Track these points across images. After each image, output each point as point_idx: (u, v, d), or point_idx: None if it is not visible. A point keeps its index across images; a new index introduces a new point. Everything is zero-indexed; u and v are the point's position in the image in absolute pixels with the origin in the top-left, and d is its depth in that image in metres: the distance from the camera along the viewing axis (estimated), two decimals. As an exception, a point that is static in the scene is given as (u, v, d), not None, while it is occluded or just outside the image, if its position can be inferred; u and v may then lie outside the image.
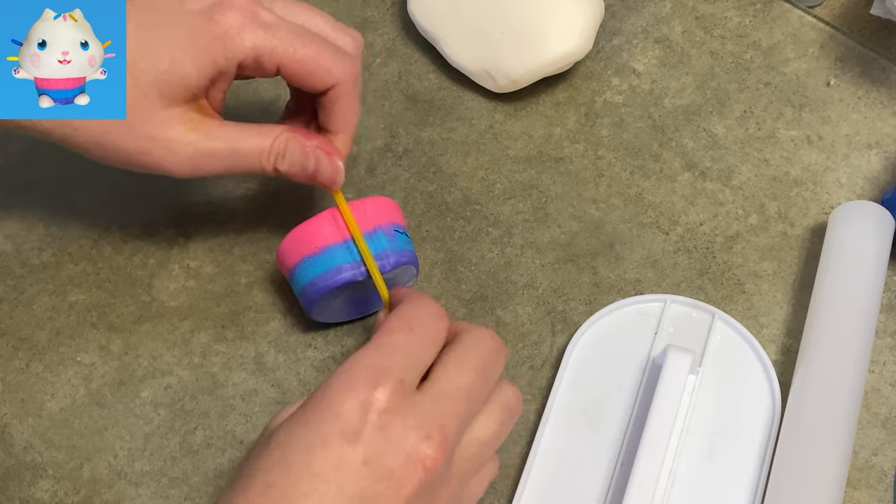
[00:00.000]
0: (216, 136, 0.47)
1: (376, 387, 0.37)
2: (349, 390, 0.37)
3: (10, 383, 0.52)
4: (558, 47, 0.58)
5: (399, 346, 0.39)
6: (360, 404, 0.37)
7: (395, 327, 0.40)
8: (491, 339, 0.41)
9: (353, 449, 0.36)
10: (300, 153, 0.48)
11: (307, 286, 0.49)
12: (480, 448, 0.40)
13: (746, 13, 0.63)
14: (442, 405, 0.38)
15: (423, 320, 0.41)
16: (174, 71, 0.46)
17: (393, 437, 0.37)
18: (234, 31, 0.46)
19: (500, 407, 0.41)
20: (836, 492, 0.46)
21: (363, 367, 0.38)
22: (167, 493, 0.49)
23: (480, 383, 0.40)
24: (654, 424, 0.47)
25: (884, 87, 0.60)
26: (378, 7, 0.64)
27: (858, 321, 0.50)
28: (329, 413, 0.37)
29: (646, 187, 0.57)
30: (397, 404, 0.37)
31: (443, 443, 0.37)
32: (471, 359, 0.40)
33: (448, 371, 0.40)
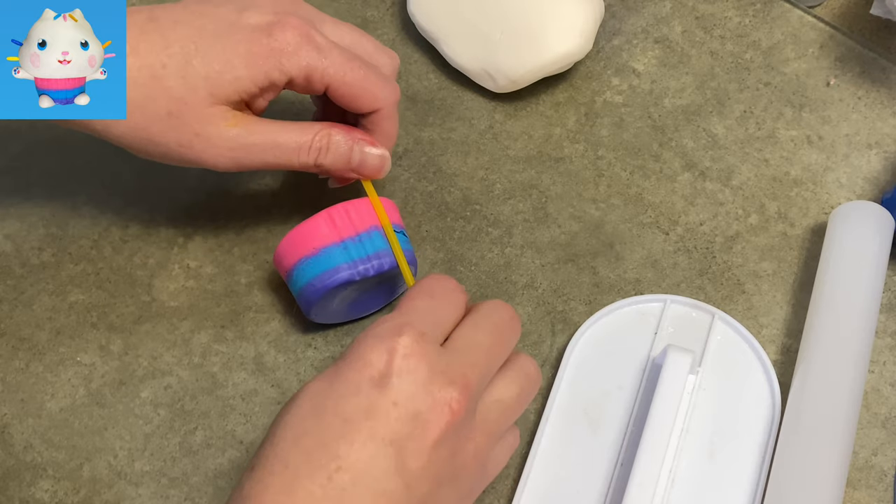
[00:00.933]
0: (257, 131, 0.48)
1: (400, 334, 0.39)
2: (377, 341, 0.39)
3: (10, 383, 0.52)
4: (558, 47, 0.58)
5: (420, 308, 0.42)
6: (387, 351, 0.39)
7: (415, 294, 0.43)
8: (504, 307, 0.44)
9: (382, 393, 0.38)
10: (344, 146, 0.50)
11: (305, 287, 0.49)
12: (502, 409, 0.42)
13: (746, 13, 0.63)
14: (463, 357, 0.41)
15: (441, 289, 0.43)
16: (227, 72, 0.47)
17: (419, 381, 0.39)
18: (290, 48, 0.47)
19: (519, 373, 0.43)
20: (836, 492, 0.46)
21: (387, 324, 0.40)
22: (167, 493, 0.49)
23: (497, 343, 0.42)
24: (654, 424, 0.47)
25: (884, 87, 0.60)
26: (378, 7, 0.64)
27: (858, 321, 0.50)
28: (357, 363, 0.39)
29: (646, 187, 0.57)
30: (421, 350, 0.39)
31: (466, 388, 0.39)
32: (487, 321, 0.43)
33: (466, 331, 0.42)
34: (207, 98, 0.47)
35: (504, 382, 0.43)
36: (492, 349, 0.42)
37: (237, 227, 0.56)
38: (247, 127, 0.48)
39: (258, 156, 0.48)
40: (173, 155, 0.48)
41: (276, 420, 0.40)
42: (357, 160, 0.50)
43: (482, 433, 0.41)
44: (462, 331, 0.42)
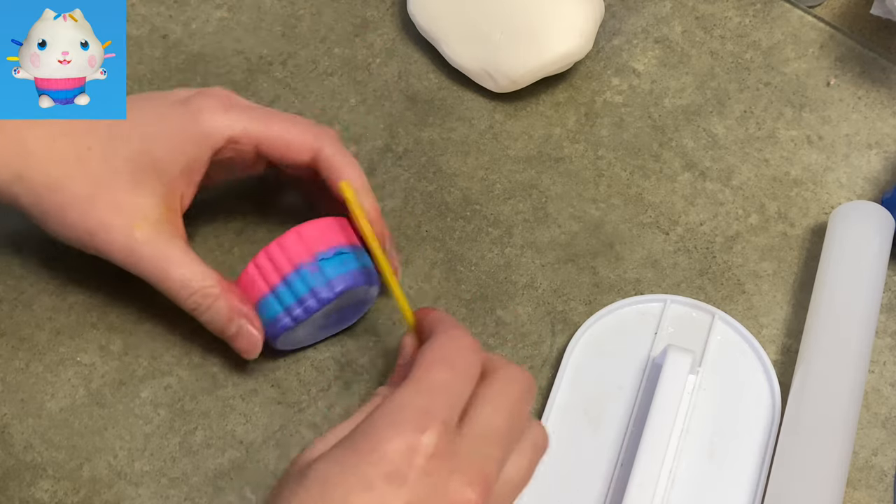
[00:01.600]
0: (154, 250, 0.48)
1: (424, 430, 0.36)
2: (396, 433, 0.36)
3: (10, 383, 0.52)
4: (558, 47, 0.58)
5: (441, 386, 0.38)
6: (407, 448, 0.36)
7: (436, 366, 0.39)
8: (524, 377, 0.41)
9: (397, 493, 0.36)
10: (225, 315, 0.48)
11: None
12: (512, 489, 0.40)
13: (746, 13, 0.63)
14: (482, 449, 0.38)
15: (462, 357, 0.40)
16: (147, 151, 0.47)
17: (438, 483, 0.36)
18: (208, 111, 0.47)
19: (530, 446, 0.40)
20: (836, 492, 0.46)
21: (408, 408, 0.37)
22: (167, 493, 0.49)
23: (515, 424, 0.40)
24: (654, 424, 0.47)
25: (884, 87, 0.60)
26: (378, 7, 0.64)
27: (858, 321, 0.50)
28: (373, 455, 0.36)
29: (646, 187, 0.57)
30: (443, 449, 0.36)
31: (484, 490, 0.37)
32: (506, 398, 0.40)
33: (485, 412, 0.39)
34: (129, 181, 0.47)
35: (516, 459, 0.40)
36: (509, 432, 0.39)
37: (237, 227, 0.56)
38: (150, 240, 0.47)
39: (147, 273, 0.48)
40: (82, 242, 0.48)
41: (278, 491, 0.38)
42: (233, 331, 0.49)
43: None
44: (479, 411, 0.39)
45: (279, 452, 0.50)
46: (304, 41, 0.62)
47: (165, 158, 0.47)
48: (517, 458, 0.40)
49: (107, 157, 0.46)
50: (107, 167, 0.47)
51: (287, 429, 0.51)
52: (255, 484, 0.49)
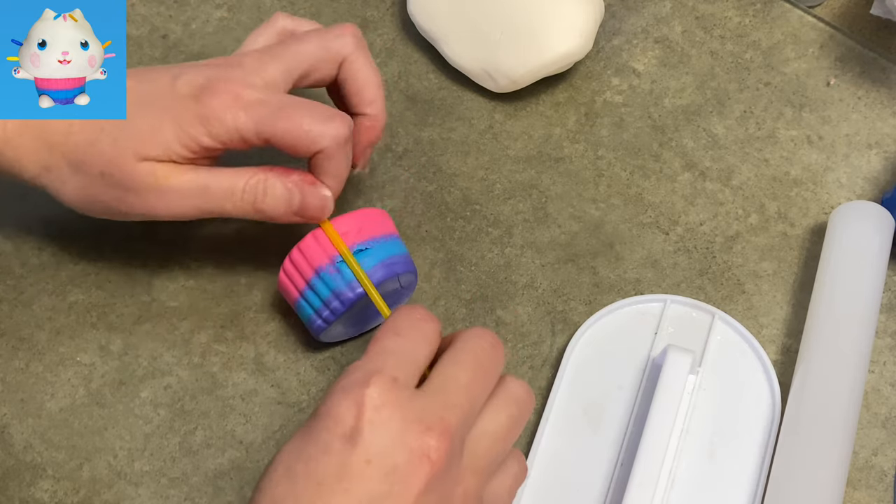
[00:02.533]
0: (184, 178, 0.48)
1: (368, 384, 0.37)
2: (344, 395, 0.37)
3: (10, 383, 0.52)
4: (558, 47, 0.58)
5: (387, 350, 0.39)
6: (355, 404, 0.37)
7: (381, 335, 0.40)
8: (484, 335, 0.41)
9: (354, 450, 0.36)
10: (282, 188, 0.48)
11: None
12: (492, 442, 0.40)
13: (746, 13, 0.63)
14: (441, 399, 0.38)
15: (408, 323, 0.41)
16: (155, 136, 0.47)
17: (393, 433, 0.37)
18: (217, 112, 0.47)
19: (506, 399, 0.41)
20: (836, 492, 0.46)
21: (356, 373, 0.38)
22: (167, 493, 0.49)
23: (479, 378, 0.40)
24: (654, 424, 0.47)
25: (884, 87, 0.60)
26: (378, 7, 0.64)
27: (858, 321, 0.50)
28: (327, 419, 0.37)
29: (646, 187, 0.57)
30: (393, 399, 0.37)
31: (444, 432, 0.37)
32: (466, 355, 0.40)
33: (444, 369, 0.40)
34: (133, 157, 0.47)
35: (490, 413, 0.40)
36: (472, 384, 0.39)
37: (237, 227, 0.56)
38: (175, 175, 0.47)
39: (189, 202, 0.48)
40: (114, 211, 0.49)
41: (256, 484, 0.38)
42: (297, 203, 0.48)
43: (472, 472, 0.39)
44: (439, 368, 0.40)
45: (279, 452, 0.50)
46: (304, 41, 0.62)
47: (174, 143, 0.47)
48: (493, 411, 0.40)
49: (116, 139, 0.47)
50: (115, 146, 0.47)
51: (287, 429, 0.51)
52: (255, 484, 0.49)
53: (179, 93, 0.47)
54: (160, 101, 0.47)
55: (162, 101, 0.47)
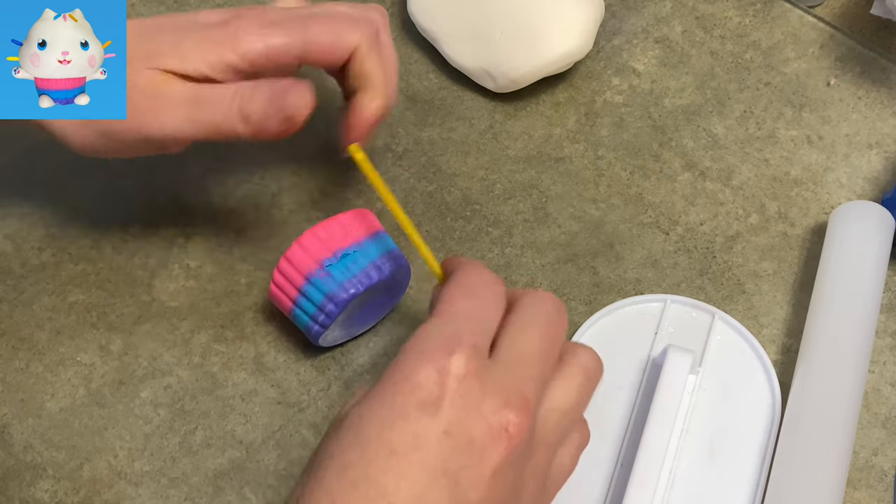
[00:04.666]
0: (182, 87, 0.46)
1: (452, 353, 0.36)
2: (425, 360, 0.36)
3: (10, 383, 0.52)
4: (558, 47, 0.58)
5: (464, 313, 0.38)
6: (437, 372, 0.35)
7: (455, 295, 0.39)
8: (548, 299, 0.40)
9: (432, 419, 0.35)
10: (268, 86, 0.46)
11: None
12: (562, 415, 0.39)
13: (746, 13, 0.63)
14: (516, 370, 0.37)
15: (483, 287, 0.39)
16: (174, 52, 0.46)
17: (473, 405, 0.35)
18: (243, 31, 0.46)
19: (576, 370, 0.39)
20: (836, 492, 0.46)
21: (434, 336, 0.37)
22: (167, 493, 0.49)
23: (549, 344, 0.39)
24: (654, 424, 0.47)
25: (884, 87, 0.60)
26: (378, 7, 0.64)
27: (858, 321, 0.50)
28: (404, 385, 0.36)
29: (646, 187, 0.57)
30: (475, 370, 0.36)
31: (524, 408, 0.36)
32: (535, 321, 0.39)
33: (515, 336, 0.38)
34: (142, 64, 0.46)
35: (561, 385, 0.39)
36: (544, 353, 0.38)
37: (237, 227, 0.56)
38: (170, 83, 0.46)
39: (180, 111, 0.46)
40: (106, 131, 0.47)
41: (319, 447, 0.37)
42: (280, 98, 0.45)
43: (543, 447, 0.38)
44: (509, 336, 0.38)
45: (279, 452, 0.50)
46: (304, 41, 0.62)
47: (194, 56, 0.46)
48: (564, 382, 0.39)
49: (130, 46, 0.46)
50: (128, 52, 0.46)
51: (287, 429, 0.51)
52: (255, 484, 0.49)
53: (203, 21, 0.47)
54: (183, 27, 0.47)
55: (185, 27, 0.47)
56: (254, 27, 0.47)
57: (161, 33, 0.47)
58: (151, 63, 0.46)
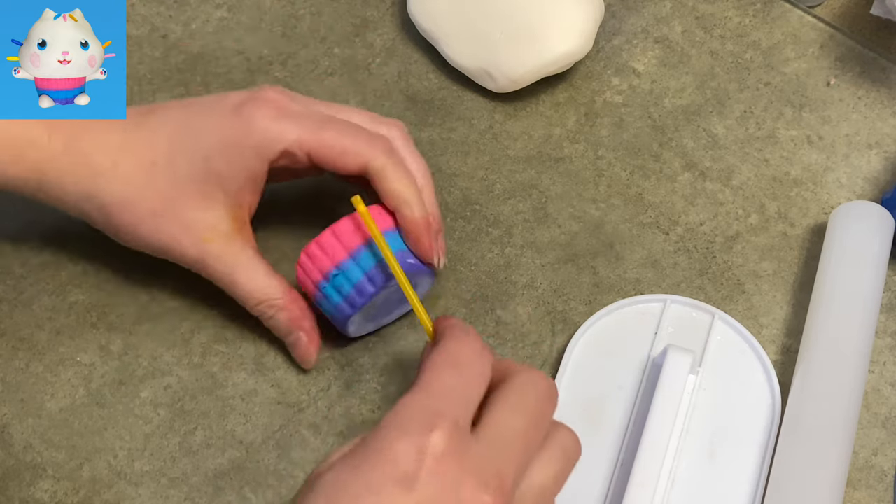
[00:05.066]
0: (224, 261, 0.49)
1: (432, 430, 0.35)
2: (403, 434, 0.35)
3: (10, 383, 0.52)
4: (558, 47, 0.58)
5: (448, 388, 0.37)
6: (415, 448, 0.35)
7: (440, 366, 0.38)
8: (543, 380, 0.39)
9: (406, 497, 0.34)
10: (284, 326, 0.51)
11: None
12: (539, 496, 0.38)
13: (746, 13, 0.63)
14: (498, 451, 0.36)
15: (468, 358, 0.39)
16: (207, 166, 0.48)
17: (449, 485, 0.35)
18: (259, 121, 0.48)
19: (557, 452, 0.39)
20: (836, 492, 0.46)
21: (415, 409, 0.36)
22: (167, 493, 0.49)
23: (535, 427, 0.38)
24: (654, 424, 0.47)
25: (884, 87, 0.60)
26: (378, 7, 0.64)
27: (858, 321, 0.50)
28: (380, 457, 0.35)
29: (646, 187, 0.57)
30: (454, 449, 0.35)
31: (500, 490, 0.35)
32: (524, 401, 0.38)
33: (501, 414, 0.38)
34: (196, 196, 0.48)
35: (541, 464, 0.38)
36: (529, 434, 0.37)
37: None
38: (220, 252, 0.49)
39: (217, 282, 0.50)
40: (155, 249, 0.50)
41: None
42: (291, 341, 0.51)
43: None
44: (495, 414, 0.37)
45: (279, 452, 0.50)
46: (304, 41, 0.62)
47: (227, 172, 0.48)
48: (543, 464, 0.38)
49: (172, 173, 0.48)
50: (173, 183, 0.48)
51: (287, 429, 0.51)
52: (255, 484, 0.49)
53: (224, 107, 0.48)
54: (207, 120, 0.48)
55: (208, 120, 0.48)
56: (269, 115, 0.48)
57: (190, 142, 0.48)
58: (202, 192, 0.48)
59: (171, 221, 0.49)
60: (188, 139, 0.48)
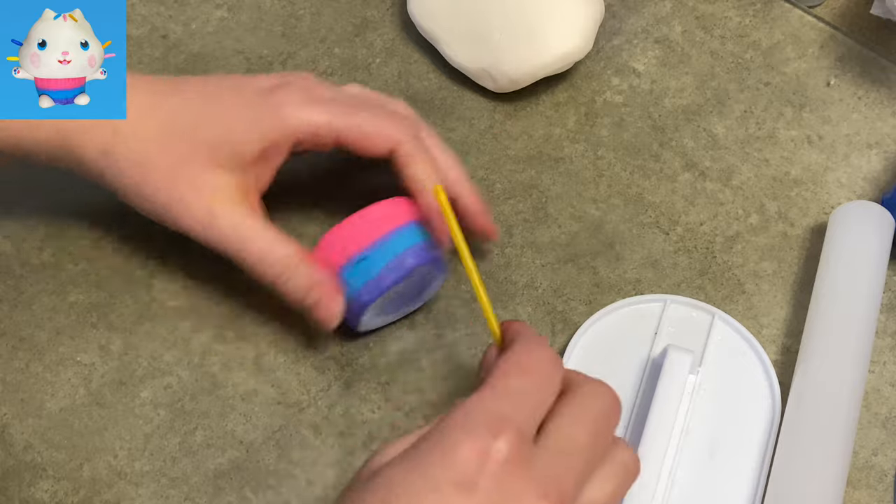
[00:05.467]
0: (233, 223, 0.49)
1: (497, 435, 0.35)
2: (467, 437, 0.35)
3: (10, 383, 0.52)
4: (558, 47, 0.58)
5: (518, 393, 0.37)
6: (479, 453, 0.34)
7: (513, 372, 0.38)
8: (608, 393, 0.39)
9: (466, 501, 0.34)
10: (305, 283, 0.48)
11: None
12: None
13: (746, 13, 0.63)
14: (560, 462, 0.36)
15: (540, 367, 0.38)
16: (227, 137, 0.48)
17: (510, 492, 0.34)
18: (291, 106, 0.48)
19: (617, 469, 0.38)
20: (836, 492, 0.46)
21: (482, 412, 0.36)
22: (167, 493, 0.49)
23: (598, 440, 0.38)
24: (654, 424, 0.47)
25: (884, 87, 0.60)
26: (378, 7, 0.64)
27: (858, 321, 0.50)
28: (443, 458, 0.35)
29: (646, 187, 0.57)
30: (517, 456, 0.35)
31: (560, 502, 0.35)
32: (589, 413, 0.38)
33: (566, 425, 0.37)
34: (208, 162, 0.48)
35: (599, 480, 0.37)
36: (591, 448, 0.37)
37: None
38: (228, 213, 0.48)
39: (227, 244, 0.49)
40: (160, 214, 0.49)
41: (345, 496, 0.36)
42: (313, 300, 0.48)
43: None
44: (559, 424, 0.37)
45: (279, 452, 0.50)
46: (304, 41, 0.62)
47: (245, 144, 0.48)
48: (602, 480, 0.37)
49: (190, 138, 0.48)
50: (189, 147, 0.48)
51: (287, 429, 0.51)
52: (255, 484, 0.49)
53: (253, 88, 0.49)
54: (233, 98, 0.49)
55: (234, 98, 0.49)
56: (300, 102, 0.48)
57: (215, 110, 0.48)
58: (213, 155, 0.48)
59: (181, 183, 0.48)
60: (215, 110, 0.49)
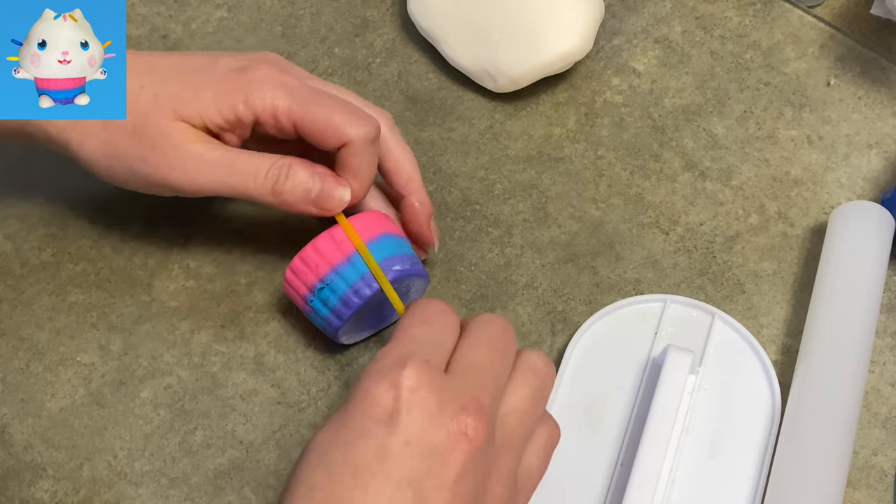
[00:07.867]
0: (215, 150, 0.48)
1: (404, 366, 0.37)
2: (379, 377, 0.38)
3: (10, 383, 0.52)
4: (558, 47, 0.58)
5: (418, 336, 0.40)
6: (391, 386, 0.37)
7: (409, 323, 0.41)
8: (495, 319, 0.42)
9: (392, 432, 0.36)
10: (304, 175, 0.49)
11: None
12: (520, 417, 0.40)
13: (746, 13, 0.63)
14: (469, 380, 0.39)
15: (434, 314, 0.42)
16: (194, 98, 0.48)
17: (429, 413, 0.37)
18: (256, 85, 0.48)
19: (527, 374, 0.41)
20: (836, 492, 0.46)
21: (388, 357, 0.39)
22: (167, 493, 0.49)
23: (499, 356, 0.41)
24: (654, 424, 0.47)
25: (884, 87, 0.60)
26: (378, 7, 0.64)
27: (858, 321, 0.50)
28: (362, 403, 0.37)
29: (646, 187, 0.57)
30: (427, 381, 0.37)
31: (479, 411, 0.38)
32: (483, 338, 0.41)
33: (465, 353, 0.40)
34: (170, 114, 0.48)
35: (514, 388, 0.41)
36: (494, 363, 0.41)
37: (237, 227, 0.56)
38: (205, 145, 0.48)
39: (213, 174, 0.48)
40: (135, 174, 0.49)
41: (290, 473, 0.38)
42: (315, 192, 0.49)
43: (507, 451, 0.39)
44: (461, 352, 0.41)
45: (279, 452, 0.50)
46: (304, 41, 0.62)
47: (210, 107, 0.48)
48: (516, 387, 0.41)
49: (156, 95, 0.48)
50: (154, 102, 0.48)
51: (287, 429, 0.51)
52: (255, 484, 0.49)
53: (222, 67, 0.49)
54: (202, 71, 0.49)
55: (204, 72, 0.49)
56: (267, 83, 0.48)
57: (179, 79, 0.49)
58: (177, 111, 0.48)
59: (151, 133, 0.48)
60: (183, 74, 0.49)
